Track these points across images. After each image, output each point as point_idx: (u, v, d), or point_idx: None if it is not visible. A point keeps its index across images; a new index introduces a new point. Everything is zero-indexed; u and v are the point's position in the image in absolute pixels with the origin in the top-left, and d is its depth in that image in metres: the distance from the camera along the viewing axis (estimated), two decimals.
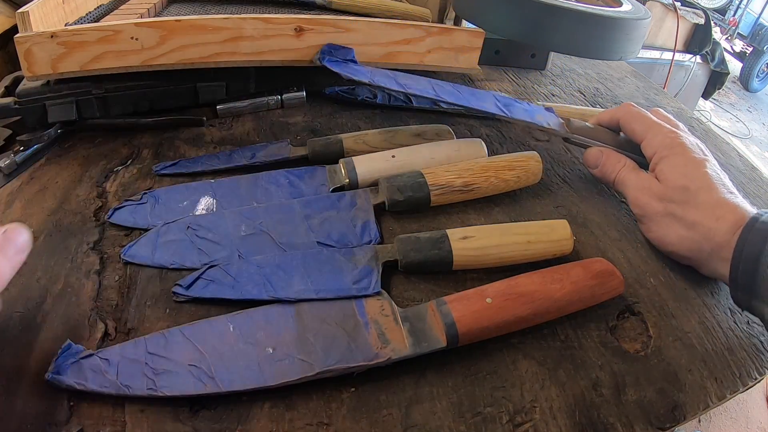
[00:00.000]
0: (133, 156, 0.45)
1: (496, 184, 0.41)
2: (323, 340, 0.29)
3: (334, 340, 0.29)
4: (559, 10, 0.52)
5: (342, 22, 0.48)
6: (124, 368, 0.27)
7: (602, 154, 0.43)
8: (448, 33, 0.52)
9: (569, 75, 0.70)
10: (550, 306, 0.31)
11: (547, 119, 0.46)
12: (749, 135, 3.09)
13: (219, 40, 0.45)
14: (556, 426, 0.27)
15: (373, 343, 0.29)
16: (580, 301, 0.32)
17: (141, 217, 0.37)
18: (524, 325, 0.31)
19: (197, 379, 0.26)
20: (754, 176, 0.53)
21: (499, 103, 0.46)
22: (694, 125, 0.61)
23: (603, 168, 0.42)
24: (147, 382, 0.26)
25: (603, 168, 0.42)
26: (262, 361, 0.27)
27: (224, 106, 0.51)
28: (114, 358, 0.27)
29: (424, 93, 0.44)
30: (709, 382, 0.30)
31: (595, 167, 0.43)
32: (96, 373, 0.26)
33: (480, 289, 0.31)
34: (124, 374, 0.26)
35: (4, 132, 0.45)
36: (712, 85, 1.84)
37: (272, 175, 0.42)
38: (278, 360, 0.28)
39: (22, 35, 0.40)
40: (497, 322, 0.29)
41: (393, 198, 0.39)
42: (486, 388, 0.29)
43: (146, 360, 0.27)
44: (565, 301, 0.31)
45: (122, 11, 0.54)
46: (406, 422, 0.27)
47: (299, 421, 0.26)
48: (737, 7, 3.73)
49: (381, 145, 0.45)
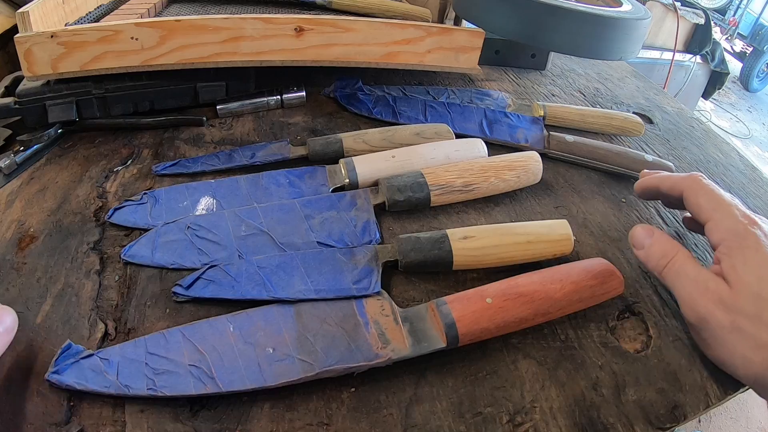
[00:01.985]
0: (133, 156, 0.45)
1: (496, 184, 0.41)
2: (323, 340, 0.29)
3: (335, 341, 0.29)
4: (559, 10, 0.52)
5: (342, 22, 0.48)
6: (124, 368, 0.27)
7: (652, 233, 0.34)
8: (448, 33, 0.52)
9: (569, 75, 0.70)
10: (551, 306, 0.31)
11: (527, 135, 0.50)
12: (749, 135, 3.09)
13: (219, 40, 0.45)
14: (556, 426, 0.27)
15: (374, 343, 0.29)
16: (580, 301, 0.32)
17: (141, 217, 0.37)
18: (524, 325, 0.31)
19: (197, 380, 0.26)
20: (754, 176, 0.53)
21: (486, 120, 0.51)
22: (694, 125, 0.61)
23: (650, 251, 0.34)
24: (147, 382, 0.26)
25: (650, 251, 0.34)
26: (262, 361, 0.27)
27: (224, 106, 0.51)
28: (114, 358, 0.27)
29: (415, 117, 0.52)
30: (709, 382, 0.30)
31: (641, 248, 0.34)
32: (96, 373, 0.26)
33: (480, 289, 0.31)
34: (125, 374, 0.26)
35: (4, 132, 0.45)
36: (712, 85, 1.84)
37: (272, 175, 0.42)
38: (278, 360, 0.28)
39: (22, 35, 0.41)
40: (497, 322, 0.29)
41: (393, 198, 0.39)
42: (486, 388, 0.29)
43: (146, 360, 0.27)
44: (565, 301, 0.31)
45: (122, 11, 0.54)
46: (406, 422, 0.27)
47: (299, 421, 0.26)
48: (737, 7, 3.73)
49: (380, 144, 0.45)
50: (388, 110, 0.53)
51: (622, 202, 0.45)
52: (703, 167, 0.53)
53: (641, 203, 0.45)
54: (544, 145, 0.49)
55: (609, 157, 0.48)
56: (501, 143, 0.50)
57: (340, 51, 0.50)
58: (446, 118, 0.51)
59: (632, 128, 0.54)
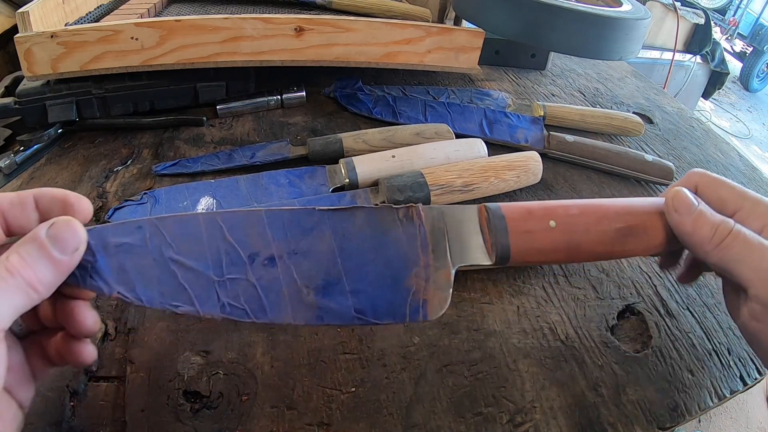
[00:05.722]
0: (133, 156, 0.45)
1: (496, 184, 0.41)
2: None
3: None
4: (559, 10, 0.52)
5: (342, 22, 0.48)
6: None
7: (698, 202, 0.28)
8: (448, 33, 0.52)
9: (569, 75, 0.70)
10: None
11: (527, 134, 0.50)
12: (749, 135, 3.09)
13: (219, 40, 0.45)
14: (556, 426, 0.27)
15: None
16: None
17: (141, 217, 0.37)
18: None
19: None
20: (754, 176, 0.53)
21: (486, 120, 0.51)
22: (694, 125, 0.61)
23: (701, 218, 0.27)
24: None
25: (701, 218, 0.27)
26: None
27: (224, 106, 0.51)
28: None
29: (415, 117, 0.52)
30: (709, 382, 0.30)
31: (688, 213, 0.27)
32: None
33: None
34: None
35: (4, 132, 0.45)
36: (712, 85, 1.84)
37: (272, 175, 0.42)
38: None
39: (22, 35, 0.41)
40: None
41: (393, 198, 0.39)
42: (486, 388, 0.29)
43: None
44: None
45: (122, 11, 0.54)
46: (406, 422, 0.27)
47: (299, 421, 0.26)
48: (737, 7, 3.73)
49: (380, 144, 0.45)
50: (388, 110, 0.53)
51: None
52: (703, 167, 0.53)
53: None
54: (544, 145, 0.49)
55: (609, 157, 0.48)
56: (501, 143, 0.50)
57: (340, 51, 0.50)
58: (446, 118, 0.51)
59: (632, 128, 0.54)
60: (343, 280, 0.24)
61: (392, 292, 0.24)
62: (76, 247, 0.21)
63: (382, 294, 0.24)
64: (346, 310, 0.24)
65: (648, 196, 0.46)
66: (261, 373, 0.28)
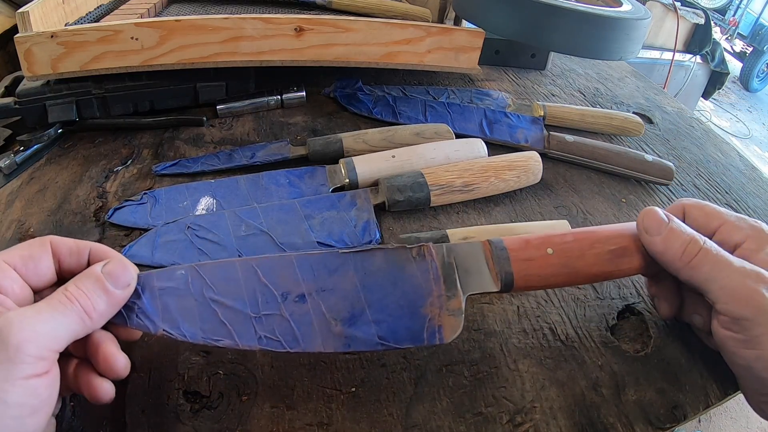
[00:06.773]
0: (133, 156, 0.45)
1: (496, 184, 0.41)
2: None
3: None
4: (559, 10, 0.52)
5: (342, 22, 0.48)
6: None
7: (669, 218, 0.29)
8: (448, 33, 0.52)
9: (569, 75, 0.70)
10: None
11: (527, 134, 0.50)
12: (749, 135, 3.08)
13: (219, 40, 0.45)
14: (556, 426, 0.27)
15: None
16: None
17: (141, 217, 0.37)
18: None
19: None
20: (754, 176, 0.53)
21: (486, 120, 0.51)
22: (694, 125, 0.61)
23: (670, 237, 0.28)
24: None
25: (670, 237, 0.28)
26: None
27: (224, 106, 0.51)
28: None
29: (415, 117, 0.52)
30: (709, 382, 0.30)
31: (657, 234, 0.28)
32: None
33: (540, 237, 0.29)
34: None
35: (4, 132, 0.45)
36: (712, 85, 1.84)
37: (272, 175, 0.42)
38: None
39: (22, 35, 0.41)
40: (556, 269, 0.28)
41: (393, 198, 0.39)
42: (486, 388, 0.29)
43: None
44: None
45: (122, 11, 0.54)
46: (406, 422, 0.27)
47: (299, 421, 0.26)
48: (737, 7, 3.72)
49: (380, 144, 0.45)
50: (388, 110, 0.53)
51: (622, 202, 0.45)
52: (703, 167, 0.53)
53: (642, 204, 0.45)
54: (544, 145, 0.49)
55: (609, 157, 0.48)
56: (501, 143, 0.50)
57: (340, 51, 0.50)
58: (446, 118, 0.51)
59: (632, 128, 0.54)
60: (366, 311, 0.26)
61: (411, 319, 0.26)
62: (128, 282, 0.24)
63: (401, 322, 0.26)
64: (370, 338, 0.26)
65: (648, 196, 0.46)
66: (261, 373, 0.28)
